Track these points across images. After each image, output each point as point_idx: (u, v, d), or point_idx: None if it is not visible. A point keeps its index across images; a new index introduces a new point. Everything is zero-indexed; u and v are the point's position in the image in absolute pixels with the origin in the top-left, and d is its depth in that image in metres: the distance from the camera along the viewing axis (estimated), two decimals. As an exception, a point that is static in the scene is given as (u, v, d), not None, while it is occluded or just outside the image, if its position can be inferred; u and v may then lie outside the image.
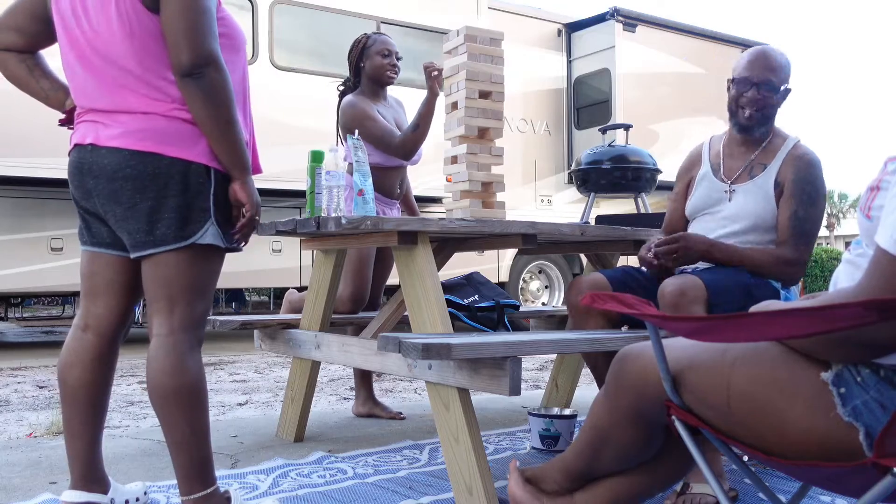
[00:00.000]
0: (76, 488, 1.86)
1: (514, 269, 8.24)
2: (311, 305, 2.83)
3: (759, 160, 2.37)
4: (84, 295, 1.89)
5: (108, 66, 1.72)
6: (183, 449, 1.75)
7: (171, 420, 1.74)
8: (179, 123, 1.73)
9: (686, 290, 2.07)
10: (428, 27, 7.28)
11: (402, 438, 2.89)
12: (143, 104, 1.71)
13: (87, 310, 1.88)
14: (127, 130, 1.71)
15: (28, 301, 13.41)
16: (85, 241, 1.87)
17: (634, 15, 8.59)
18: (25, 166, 5.76)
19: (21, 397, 4.13)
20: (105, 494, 1.89)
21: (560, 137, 8.79)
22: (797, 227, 2.27)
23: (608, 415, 1.44)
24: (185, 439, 1.74)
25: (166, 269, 1.75)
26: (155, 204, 1.72)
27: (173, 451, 1.76)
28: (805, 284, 14.29)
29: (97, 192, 1.76)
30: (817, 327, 1.02)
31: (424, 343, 1.82)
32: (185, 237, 1.73)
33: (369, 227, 2.14)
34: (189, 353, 1.75)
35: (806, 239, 2.27)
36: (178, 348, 1.74)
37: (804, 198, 2.28)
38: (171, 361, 1.73)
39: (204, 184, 1.74)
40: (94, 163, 1.74)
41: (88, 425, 1.86)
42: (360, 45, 3.27)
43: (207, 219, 1.75)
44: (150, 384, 1.75)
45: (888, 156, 1.20)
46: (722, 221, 2.36)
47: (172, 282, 1.75)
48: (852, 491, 1.18)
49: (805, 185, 2.29)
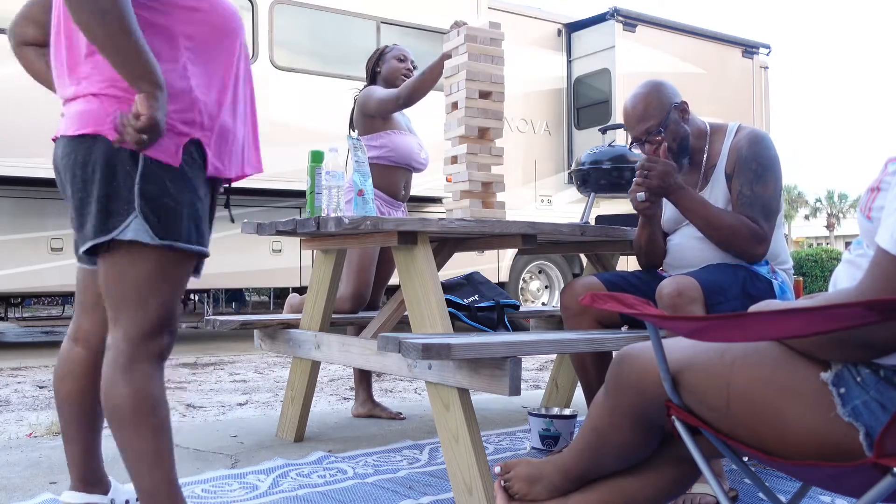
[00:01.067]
0: (75, 489, 1.85)
1: (514, 269, 8.24)
2: (311, 305, 2.83)
3: (709, 164, 2.36)
4: (76, 306, 1.85)
5: (58, 56, 1.67)
6: (132, 474, 1.60)
7: (117, 440, 1.61)
8: (91, 98, 1.59)
9: (682, 290, 2.07)
10: (428, 27, 7.28)
11: (402, 438, 2.89)
12: (73, 90, 1.62)
13: (78, 323, 1.83)
14: (66, 116, 1.64)
15: (28, 301, 13.41)
16: (76, 252, 1.75)
17: (634, 15, 8.59)
18: (25, 166, 5.75)
19: (21, 397, 4.13)
20: (105, 495, 1.88)
21: (560, 137, 8.79)
22: (747, 205, 2.21)
23: (608, 415, 1.43)
24: (129, 464, 1.60)
25: (102, 272, 1.62)
26: (84, 195, 1.59)
27: (133, 472, 1.61)
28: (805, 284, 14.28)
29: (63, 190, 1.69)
30: (817, 327, 1.02)
31: (424, 343, 1.83)
32: (106, 231, 1.57)
33: (369, 227, 2.14)
34: (127, 368, 1.58)
35: (761, 215, 2.20)
36: (117, 361, 1.59)
37: (748, 175, 2.23)
38: (107, 376, 1.59)
39: (130, 171, 1.56)
40: (54, 158, 1.68)
41: (83, 432, 1.83)
42: (379, 52, 3.42)
43: (131, 211, 1.56)
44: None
45: (888, 157, 1.20)
46: (696, 231, 2.33)
47: (108, 286, 1.62)
48: (852, 491, 1.18)
49: (749, 162, 2.23)
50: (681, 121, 2.34)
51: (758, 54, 9.63)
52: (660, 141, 2.30)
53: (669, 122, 2.31)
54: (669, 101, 2.33)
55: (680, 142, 2.33)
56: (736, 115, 8.40)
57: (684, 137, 2.34)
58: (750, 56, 9.54)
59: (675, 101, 2.34)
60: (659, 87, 2.34)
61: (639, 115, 2.32)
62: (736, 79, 9.27)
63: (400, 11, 7.34)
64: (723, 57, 9.07)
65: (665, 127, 2.30)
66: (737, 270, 2.22)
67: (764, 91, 9.81)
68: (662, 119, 2.30)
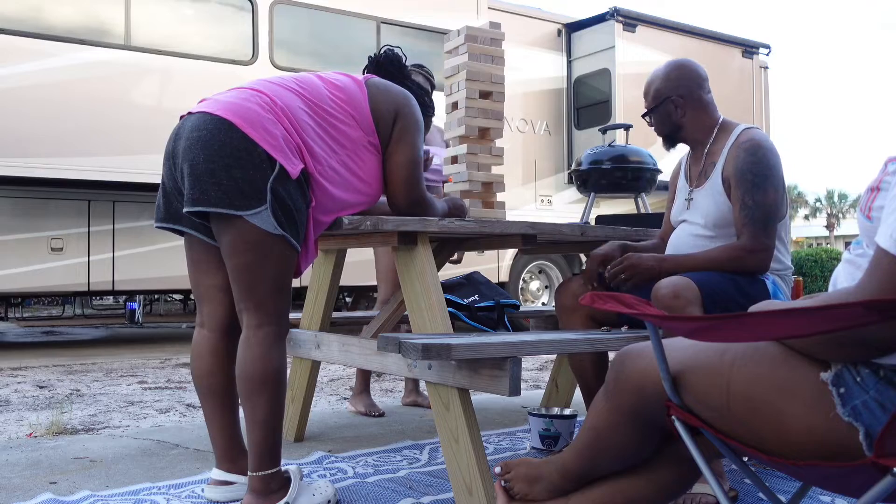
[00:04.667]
0: (218, 467, 2.11)
1: (514, 269, 8.24)
2: (311, 305, 2.83)
3: (710, 160, 2.36)
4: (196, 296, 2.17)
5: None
6: (260, 435, 1.91)
7: (256, 401, 1.90)
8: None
9: (679, 292, 2.06)
10: (428, 27, 7.28)
11: (402, 438, 2.89)
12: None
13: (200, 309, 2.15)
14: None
15: (28, 301, 13.40)
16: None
17: (634, 15, 8.59)
18: (25, 166, 5.76)
19: (21, 397, 4.13)
20: (243, 475, 2.06)
21: (560, 137, 8.79)
22: (748, 216, 2.21)
23: (608, 415, 1.43)
24: (266, 419, 1.91)
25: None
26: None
27: (252, 429, 1.92)
28: (805, 284, 14.29)
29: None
30: (817, 327, 1.02)
31: (424, 343, 1.83)
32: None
33: (369, 227, 2.14)
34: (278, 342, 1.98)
35: (761, 225, 2.21)
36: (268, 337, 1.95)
37: (747, 185, 2.22)
38: (260, 350, 1.94)
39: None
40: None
41: (217, 411, 2.09)
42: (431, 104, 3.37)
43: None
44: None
45: (888, 156, 1.20)
46: (692, 227, 2.36)
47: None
48: (852, 491, 1.18)
49: (745, 172, 2.23)
50: (673, 113, 2.37)
51: (758, 54, 9.63)
52: (650, 123, 2.44)
53: (659, 111, 2.38)
54: (670, 91, 2.36)
55: (668, 132, 2.42)
56: (736, 115, 8.34)
57: (674, 129, 2.41)
58: (750, 56, 9.54)
59: (676, 93, 2.36)
60: (671, 74, 2.39)
61: (644, 91, 2.44)
62: (736, 79, 9.26)
63: (400, 11, 7.34)
64: (723, 57, 9.06)
65: (652, 114, 2.40)
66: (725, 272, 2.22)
67: (764, 91, 9.80)
68: (655, 105, 2.39)
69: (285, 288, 1.97)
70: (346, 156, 2.06)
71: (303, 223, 1.95)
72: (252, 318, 1.92)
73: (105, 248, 6.44)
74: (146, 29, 6.31)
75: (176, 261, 6.38)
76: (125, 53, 6.19)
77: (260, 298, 1.91)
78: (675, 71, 2.39)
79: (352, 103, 2.08)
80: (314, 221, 2.01)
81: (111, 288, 6.54)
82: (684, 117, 2.37)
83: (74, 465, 2.50)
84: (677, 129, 2.40)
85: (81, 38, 6.04)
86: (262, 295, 1.91)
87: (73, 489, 2.21)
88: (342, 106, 2.06)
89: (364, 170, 2.11)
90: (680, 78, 2.37)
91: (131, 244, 6.50)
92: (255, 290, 1.91)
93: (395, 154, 2.14)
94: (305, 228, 1.97)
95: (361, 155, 2.09)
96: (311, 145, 1.97)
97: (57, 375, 5.03)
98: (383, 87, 2.18)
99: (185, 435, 2.96)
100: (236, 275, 1.92)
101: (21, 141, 5.74)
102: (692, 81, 2.37)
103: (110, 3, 6.18)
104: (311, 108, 2.01)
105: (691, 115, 2.37)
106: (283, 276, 1.94)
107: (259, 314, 1.92)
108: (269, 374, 1.91)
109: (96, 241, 6.41)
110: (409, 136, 2.15)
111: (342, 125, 2.05)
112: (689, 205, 2.39)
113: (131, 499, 2.12)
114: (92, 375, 5.05)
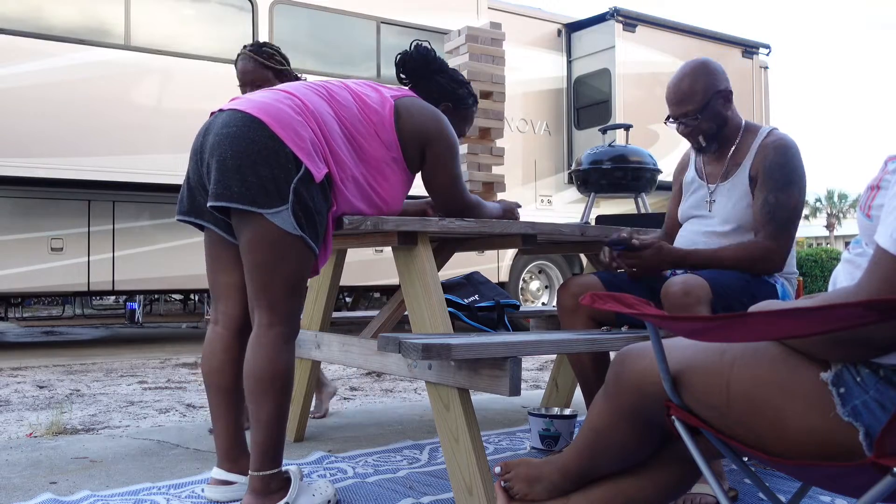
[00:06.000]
0: (220, 467, 2.12)
1: (514, 269, 8.24)
2: (311, 305, 2.82)
3: (734, 160, 2.34)
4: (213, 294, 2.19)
5: None
6: (265, 433, 1.93)
7: (261, 401, 1.92)
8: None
9: (690, 289, 2.05)
10: (428, 27, 7.28)
11: (402, 438, 2.89)
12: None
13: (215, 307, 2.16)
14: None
15: (28, 301, 13.40)
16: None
17: (634, 15, 8.59)
18: (25, 166, 5.76)
19: (21, 397, 4.13)
20: (243, 475, 2.07)
21: (560, 137, 8.79)
22: (769, 214, 2.20)
23: (608, 415, 1.43)
24: (270, 419, 1.92)
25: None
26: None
27: (256, 428, 1.94)
28: (805, 284, 14.29)
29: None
30: (817, 327, 1.02)
31: (424, 343, 1.82)
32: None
33: (369, 227, 2.14)
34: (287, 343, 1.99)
35: (781, 225, 2.19)
36: (279, 337, 1.97)
37: (773, 183, 2.21)
38: (270, 351, 1.95)
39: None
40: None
41: (223, 409, 2.11)
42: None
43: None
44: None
45: (888, 155, 1.20)
46: (707, 224, 2.35)
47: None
48: (852, 491, 1.18)
49: (773, 170, 2.21)
50: (722, 108, 2.31)
51: (758, 54, 9.63)
52: (694, 126, 2.30)
53: (709, 108, 2.28)
54: (714, 86, 2.28)
55: (717, 129, 2.31)
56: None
57: (721, 125, 2.31)
58: (750, 56, 9.55)
59: (720, 87, 2.29)
60: (706, 70, 2.29)
61: (681, 96, 2.28)
62: (736, 79, 9.21)
63: (400, 11, 7.34)
64: (722, 57, 9.05)
65: (702, 113, 2.27)
66: (742, 272, 2.22)
67: (764, 91, 9.81)
68: (702, 105, 2.27)
69: (299, 289, 1.98)
70: (366, 171, 2.07)
71: (322, 226, 1.96)
72: (263, 317, 1.94)
73: (105, 248, 6.45)
74: (146, 29, 6.31)
75: (176, 261, 6.39)
76: (125, 53, 6.19)
77: (273, 298, 1.92)
78: (708, 66, 2.31)
79: (378, 124, 2.09)
80: (333, 225, 2.03)
81: (111, 288, 6.54)
82: (729, 111, 2.33)
83: (74, 465, 2.50)
84: (724, 123, 2.32)
85: (81, 38, 6.05)
86: (275, 294, 1.92)
87: (73, 489, 2.21)
88: (368, 123, 2.07)
89: (384, 187, 2.12)
90: (717, 71, 2.31)
91: (131, 244, 6.50)
92: (269, 288, 1.92)
93: (434, 179, 2.20)
94: (325, 231, 1.98)
95: (383, 172, 2.11)
96: (337, 151, 1.98)
97: (57, 375, 5.03)
98: (416, 111, 2.15)
99: (185, 435, 2.96)
100: (252, 272, 1.93)
101: (21, 141, 5.74)
102: (725, 75, 2.34)
103: (110, 3, 6.18)
104: (340, 118, 2.02)
105: (732, 108, 2.35)
106: (297, 277, 1.95)
107: (271, 313, 1.93)
108: (277, 376, 1.92)
109: (96, 241, 6.41)
110: (444, 160, 2.18)
111: (365, 142, 2.06)
112: (711, 200, 2.36)
113: (131, 499, 2.12)
114: (92, 375, 5.05)
